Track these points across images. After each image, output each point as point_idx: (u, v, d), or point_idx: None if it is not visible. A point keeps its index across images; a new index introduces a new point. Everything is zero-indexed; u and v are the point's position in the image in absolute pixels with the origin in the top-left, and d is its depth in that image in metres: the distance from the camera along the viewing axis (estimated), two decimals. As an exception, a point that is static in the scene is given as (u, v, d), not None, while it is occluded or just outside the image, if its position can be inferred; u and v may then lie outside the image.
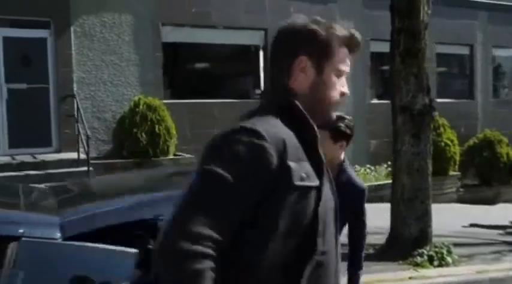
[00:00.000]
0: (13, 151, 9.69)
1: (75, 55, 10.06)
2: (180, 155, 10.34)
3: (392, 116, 6.83)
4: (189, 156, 10.21)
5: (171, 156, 10.09)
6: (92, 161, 9.04)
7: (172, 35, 11.07)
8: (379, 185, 10.56)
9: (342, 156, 2.98)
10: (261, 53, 11.92)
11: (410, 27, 6.58)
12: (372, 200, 6.24)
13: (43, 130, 10.01)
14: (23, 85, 9.81)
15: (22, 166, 9.03)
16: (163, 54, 10.88)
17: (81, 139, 9.20)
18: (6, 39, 9.71)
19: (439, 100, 9.38)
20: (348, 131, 2.91)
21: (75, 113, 9.71)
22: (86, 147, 8.93)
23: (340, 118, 2.85)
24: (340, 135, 2.88)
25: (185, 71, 11.98)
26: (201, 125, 10.73)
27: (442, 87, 14.07)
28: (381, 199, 9.37)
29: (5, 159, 9.26)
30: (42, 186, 3.79)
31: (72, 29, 10.01)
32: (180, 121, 10.56)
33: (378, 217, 5.42)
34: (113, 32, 10.37)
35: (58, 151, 9.93)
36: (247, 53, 12.14)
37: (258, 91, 11.84)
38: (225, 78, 12.02)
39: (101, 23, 10.27)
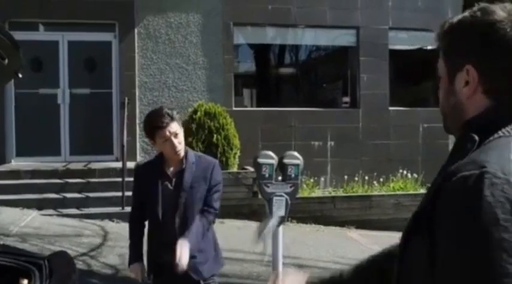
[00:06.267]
0: (73, 158, 9.35)
1: (139, 58, 9.47)
2: (245, 169, 9.20)
3: None
4: (253, 171, 9.02)
5: (232, 170, 8.99)
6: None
7: (245, 35, 10.02)
8: None
9: None
10: (351, 56, 10.34)
11: None
12: None
13: (105, 138, 9.54)
14: (86, 90, 9.47)
15: (82, 174, 8.67)
16: (235, 56, 9.86)
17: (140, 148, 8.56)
18: (71, 43, 9.44)
19: None
20: None
21: (136, 120, 9.14)
22: (139, 156, 8.26)
23: None
24: None
25: (259, 75, 10.83)
26: (276, 137, 9.53)
27: None
28: None
29: (66, 166, 8.94)
30: None
31: (136, 30, 9.45)
32: (251, 131, 9.46)
33: None
34: (179, 33, 9.60)
35: (119, 159, 9.37)
36: (334, 55, 10.64)
37: (345, 99, 10.27)
38: (306, 83, 10.68)
39: (167, 23, 9.56)
